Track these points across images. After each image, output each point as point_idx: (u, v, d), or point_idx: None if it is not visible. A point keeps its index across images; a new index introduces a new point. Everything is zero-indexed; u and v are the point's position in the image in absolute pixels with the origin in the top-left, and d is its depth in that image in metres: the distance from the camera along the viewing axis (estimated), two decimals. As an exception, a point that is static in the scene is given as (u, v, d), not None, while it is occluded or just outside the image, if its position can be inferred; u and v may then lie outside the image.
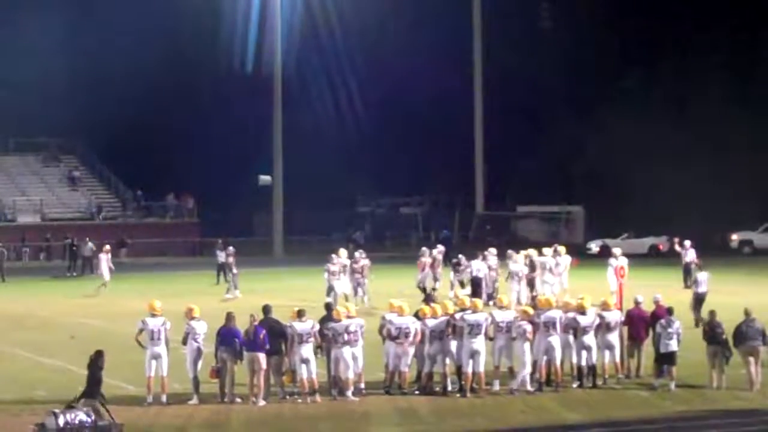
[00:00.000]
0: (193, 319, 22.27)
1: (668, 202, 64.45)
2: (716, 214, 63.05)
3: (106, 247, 46.43)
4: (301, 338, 21.71)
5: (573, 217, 74.65)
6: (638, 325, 23.81)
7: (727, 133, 68.09)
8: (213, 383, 22.00)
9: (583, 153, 73.74)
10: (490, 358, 22.61)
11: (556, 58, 75.92)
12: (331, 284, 36.62)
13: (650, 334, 23.68)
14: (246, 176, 69.87)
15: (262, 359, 21.60)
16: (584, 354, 22.96)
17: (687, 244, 40.90)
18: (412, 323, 22.50)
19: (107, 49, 75.80)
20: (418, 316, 22.94)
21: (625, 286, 25.91)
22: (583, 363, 22.98)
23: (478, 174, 75.74)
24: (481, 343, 22.30)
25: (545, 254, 37.79)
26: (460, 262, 39.13)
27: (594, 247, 63.15)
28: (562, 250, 38.05)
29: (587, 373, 23.05)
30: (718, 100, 68.38)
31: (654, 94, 73.71)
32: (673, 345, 22.87)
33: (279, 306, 24.63)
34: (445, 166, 78.17)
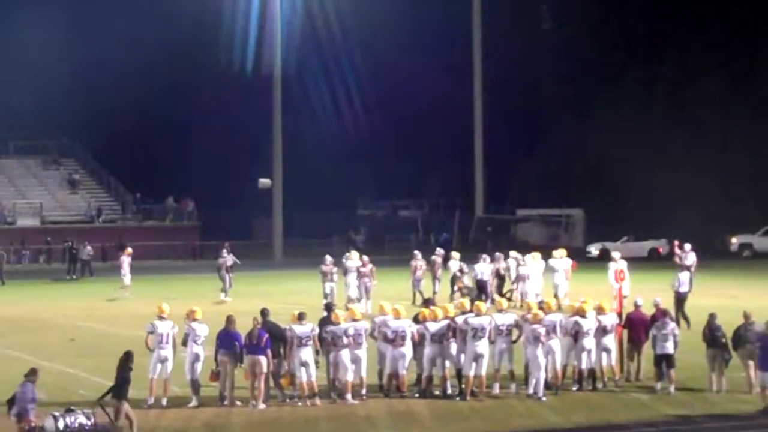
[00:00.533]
0: (195, 320, 22.29)
1: (668, 206, 64.42)
2: (716, 217, 63.05)
3: (128, 250, 45.43)
4: (301, 341, 21.68)
5: (573, 220, 74.47)
6: (638, 328, 23.79)
7: (727, 134, 68.08)
8: (213, 386, 21.99)
9: (583, 156, 73.71)
10: (491, 361, 22.60)
11: (556, 60, 75.86)
12: (324, 286, 36.87)
13: (650, 337, 23.70)
14: (246, 179, 69.77)
15: (264, 362, 21.58)
16: (584, 357, 22.98)
17: (687, 247, 40.77)
18: (408, 326, 22.49)
19: (107, 53, 75.85)
20: (417, 319, 22.93)
21: (625, 289, 25.88)
22: (583, 366, 23.00)
23: (477, 177, 75.57)
24: (484, 346, 22.29)
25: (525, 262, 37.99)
26: (462, 269, 37.62)
27: (594, 250, 62.99)
28: (537, 256, 38.14)
29: (587, 376, 23.06)
30: (717, 100, 68.38)
31: (654, 94, 73.67)
32: (669, 346, 22.86)
33: (276, 310, 24.58)
34: (444, 168, 78.14)
